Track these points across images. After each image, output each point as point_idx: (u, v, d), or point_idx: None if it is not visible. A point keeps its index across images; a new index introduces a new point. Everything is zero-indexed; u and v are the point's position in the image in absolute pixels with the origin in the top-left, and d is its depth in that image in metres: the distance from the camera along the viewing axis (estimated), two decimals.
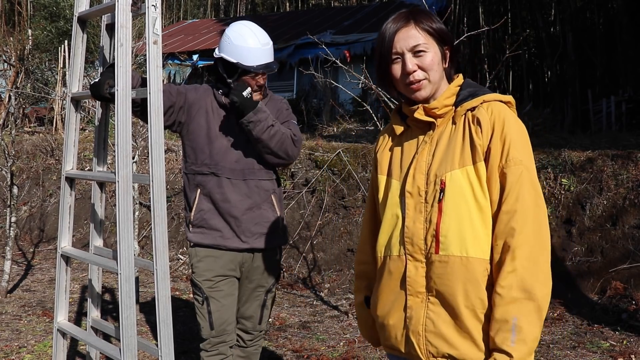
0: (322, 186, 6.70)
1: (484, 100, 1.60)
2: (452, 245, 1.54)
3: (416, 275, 1.59)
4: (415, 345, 1.58)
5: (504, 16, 16.45)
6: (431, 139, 1.64)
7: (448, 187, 1.55)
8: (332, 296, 5.54)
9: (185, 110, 2.76)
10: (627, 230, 5.19)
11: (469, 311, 1.52)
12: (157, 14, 2.26)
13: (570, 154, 5.93)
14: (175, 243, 7.04)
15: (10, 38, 12.48)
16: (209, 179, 2.75)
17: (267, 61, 2.70)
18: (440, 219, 1.55)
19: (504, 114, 1.57)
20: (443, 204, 1.55)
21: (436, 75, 1.62)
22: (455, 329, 1.53)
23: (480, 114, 1.58)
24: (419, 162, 1.62)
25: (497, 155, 1.54)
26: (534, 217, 1.51)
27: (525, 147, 1.56)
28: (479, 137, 1.56)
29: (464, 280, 1.52)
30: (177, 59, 16.14)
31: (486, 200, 1.55)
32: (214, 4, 32.19)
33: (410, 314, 1.59)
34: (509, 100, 1.64)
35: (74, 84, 2.62)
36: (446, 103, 1.63)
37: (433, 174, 1.59)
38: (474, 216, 1.54)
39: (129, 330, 2.26)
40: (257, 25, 2.75)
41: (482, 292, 1.52)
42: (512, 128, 1.56)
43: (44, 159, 9.41)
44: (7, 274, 5.45)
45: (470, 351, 1.52)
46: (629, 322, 4.45)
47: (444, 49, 1.64)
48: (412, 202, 1.61)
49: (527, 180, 1.52)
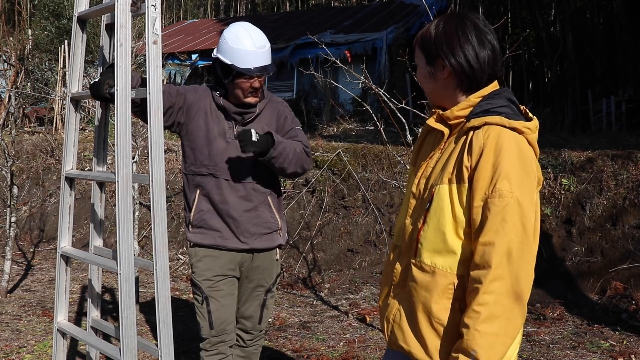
0: (322, 186, 6.70)
1: (486, 122, 1.54)
2: (425, 254, 1.60)
3: (400, 271, 1.70)
4: (385, 330, 1.73)
5: (504, 16, 16.43)
6: (440, 148, 1.67)
7: (434, 199, 1.59)
8: (332, 296, 5.53)
9: (185, 111, 2.76)
10: (627, 230, 5.19)
11: (425, 317, 1.59)
12: (157, 14, 2.26)
13: (570, 154, 5.93)
14: (175, 243, 7.04)
15: (10, 38, 12.47)
16: (207, 179, 2.75)
17: (262, 64, 2.65)
18: (422, 227, 1.61)
19: (502, 141, 1.50)
20: (427, 213, 1.61)
21: (428, 87, 1.67)
22: (411, 328, 1.63)
23: (475, 137, 1.54)
24: (427, 167, 1.68)
25: (483, 183, 1.49)
26: (515, 254, 1.46)
27: (519, 179, 1.48)
28: (468, 159, 1.53)
29: (427, 289, 1.59)
30: (177, 59, 16.14)
31: (463, 220, 1.55)
32: (214, 4, 32.19)
33: (390, 301, 1.72)
34: (518, 127, 1.54)
35: (73, 84, 2.62)
36: (458, 114, 1.61)
37: (430, 183, 1.63)
38: (448, 232, 1.56)
39: (129, 330, 2.26)
40: (256, 26, 2.72)
41: (439, 303, 1.57)
42: (507, 158, 1.48)
43: (44, 159, 9.40)
44: (7, 274, 5.45)
45: (418, 351, 1.61)
46: (629, 322, 4.45)
47: (437, 61, 1.62)
48: (414, 202, 1.69)
49: (514, 214, 1.46)
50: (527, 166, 1.51)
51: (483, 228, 1.48)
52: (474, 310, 1.47)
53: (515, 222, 1.46)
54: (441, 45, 1.60)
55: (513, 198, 1.46)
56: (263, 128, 2.78)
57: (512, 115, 1.56)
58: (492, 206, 1.47)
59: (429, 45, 1.63)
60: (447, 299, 1.57)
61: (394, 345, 1.69)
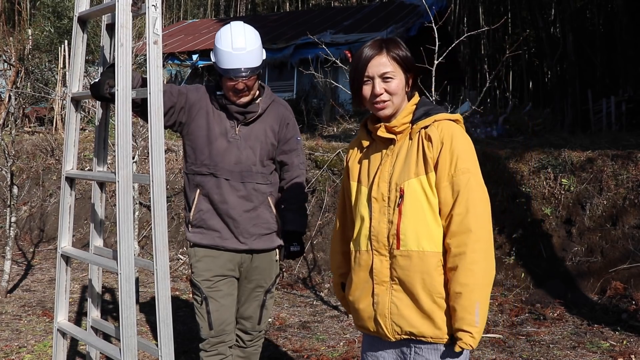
0: (322, 186, 6.70)
1: (435, 119, 1.88)
2: (410, 242, 1.84)
3: (381, 267, 1.89)
4: (382, 325, 1.89)
5: (504, 16, 16.45)
6: (392, 152, 1.93)
7: (406, 193, 1.85)
8: (332, 296, 5.54)
9: (186, 111, 2.75)
10: (627, 230, 5.19)
11: (427, 295, 1.82)
12: (158, 14, 2.27)
13: (570, 154, 5.93)
14: (175, 243, 7.05)
15: (10, 38, 12.47)
16: (208, 179, 2.75)
17: (238, 66, 2.60)
18: (400, 220, 1.85)
19: (452, 130, 1.85)
20: (402, 207, 1.85)
21: (399, 98, 1.91)
22: (415, 311, 1.84)
23: (431, 132, 1.86)
24: (383, 172, 1.91)
25: (446, 166, 1.83)
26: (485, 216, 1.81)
27: (471, 157, 1.85)
28: (430, 151, 1.85)
29: (421, 270, 1.82)
30: (177, 59, 16.14)
31: (436, 203, 1.84)
32: (214, 4, 32.20)
33: (377, 299, 1.90)
34: (457, 118, 1.93)
35: (74, 84, 2.62)
36: (404, 121, 1.91)
37: (394, 183, 1.87)
38: (428, 216, 1.84)
39: (129, 330, 2.27)
40: (252, 26, 2.69)
41: (436, 279, 1.82)
42: (459, 143, 1.84)
43: (44, 159, 9.40)
44: (7, 274, 5.45)
45: (428, 329, 1.83)
46: (629, 322, 4.45)
47: (408, 75, 1.92)
48: (377, 206, 1.90)
49: (476, 185, 1.82)
50: (472, 146, 1.88)
51: (455, 201, 1.81)
52: (469, 269, 1.77)
53: (478, 191, 1.82)
54: (412, 62, 1.93)
55: (471, 172, 1.82)
56: (265, 130, 2.78)
57: (446, 111, 1.94)
58: (458, 181, 1.81)
59: (406, 60, 1.90)
60: (439, 274, 1.83)
61: (399, 335, 1.87)
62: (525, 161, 6.05)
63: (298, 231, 2.89)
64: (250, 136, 2.76)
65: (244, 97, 2.70)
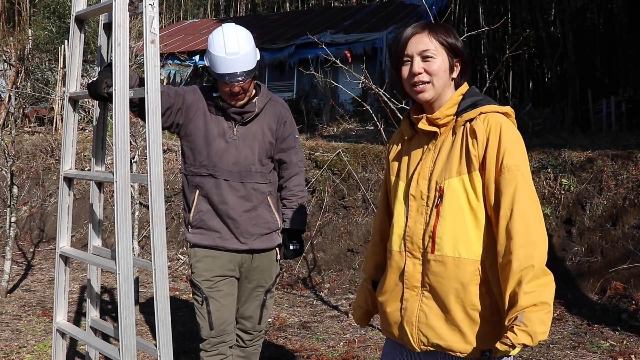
0: (322, 186, 6.70)
1: (481, 111, 1.71)
2: (447, 247, 1.67)
3: (413, 271, 1.74)
4: (408, 333, 1.74)
5: (504, 16, 16.45)
6: (434, 147, 1.76)
7: (446, 193, 1.68)
8: (332, 296, 5.53)
9: (184, 112, 2.75)
10: (627, 230, 5.18)
11: (459, 307, 1.66)
12: (155, 13, 2.26)
13: (570, 154, 5.92)
14: (175, 243, 7.04)
15: (10, 38, 12.45)
16: (207, 180, 2.74)
17: (232, 70, 2.58)
18: (437, 221, 1.69)
19: (500, 124, 1.67)
20: (441, 208, 1.69)
21: (440, 81, 1.73)
22: (445, 323, 1.68)
23: (476, 126, 1.69)
24: (423, 168, 1.75)
25: (493, 164, 1.65)
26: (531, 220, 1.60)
27: (520, 154, 1.66)
28: (475, 148, 1.67)
29: (456, 279, 1.66)
30: (177, 59, 16.13)
31: (480, 205, 1.68)
32: (214, 4, 32.19)
33: (406, 305, 1.75)
34: (507, 111, 1.74)
35: (72, 84, 2.62)
36: (448, 113, 1.74)
37: (434, 181, 1.72)
38: (468, 221, 1.67)
39: (128, 330, 2.26)
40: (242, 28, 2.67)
41: (472, 290, 1.66)
42: (507, 137, 1.65)
43: (44, 159, 9.40)
44: (7, 274, 5.45)
45: (457, 343, 1.67)
46: (629, 322, 4.44)
47: (455, 60, 1.76)
48: (414, 204, 1.75)
49: (522, 184, 1.62)
50: (522, 142, 1.70)
51: (500, 203, 1.62)
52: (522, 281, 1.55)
53: (526, 190, 1.62)
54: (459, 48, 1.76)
55: (519, 170, 1.63)
56: (263, 129, 2.78)
57: (496, 103, 1.75)
58: (503, 180, 1.62)
59: (454, 46, 1.74)
60: (475, 284, 1.66)
61: (424, 346, 1.72)
62: None
63: (298, 229, 2.89)
64: (248, 136, 2.75)
65: (241, 99, 2.70)
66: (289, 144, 2.86)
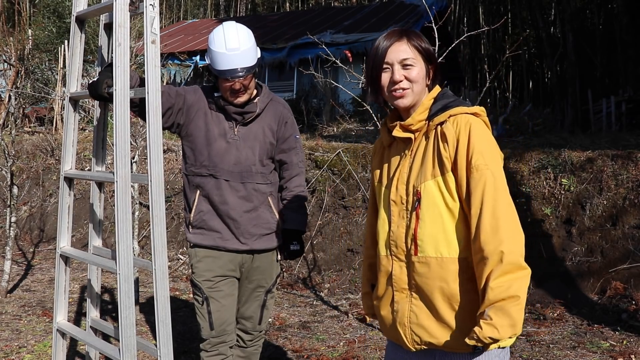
0: (322, 186, 6.70)
1: (450, 114, 1.76)
2: (428, 248, 1.73)
3: (400, 274, 1.80)
4: (402, 334, 1.80)
5: (504, 16, 16.46)
6: (410, 152, 1.83)
7: (423, 197, 1.75)
8: (332, 296, 5.53)
9: (184, 112, 2.75)
10: (627, 230, 5.18)
11: (446, 305, 1.72)
12: (155, 14, 2.26)
13: (570, 154, 5.92)
14: (176, 243, 7.04)
15: (10, 38, 12.44)
16: (207, 180, 2.74)
17: (233, 66, 2.59)
18: (417, 224, 1.75)
19: (469, 125, 1.72)
20: (419, 211, 1.75)
21: (419, 87, 1.80)
22: (435, 321, 1.74)
23: (446, 129, 1.74)
24: (401, 173, 1.82)
25: (464, 164, 1.69)
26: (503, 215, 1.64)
27: (489, 153, 1.70)
28: (446, 150, 1.73)
29: (440, 278, 1.72)
30: (177, 59, 16.13)
31: (456, 205, 1.73)
32: (214, 4, 32.19)
33: (397, 307, 1.81)
34: (476, 111, 1.78)
35: (72, 84, 2.62)
36: (419, 119, 1.80)
37: (411, 185, 1.78)
38: (446, 221, 1.73)
39: (128, 330, 2.26)
40: (242, 25, 2.67)
41: (455, 287, 1.71)
42: (477, 137, 1.70)
43: (44, 159, 9.40)
44: (7, 274, 5.45)
45: (448, 340, 1.72)
46: (629, 322, 4.44)
47: (429, 67, 1.83)
48: (396, 209, 1.82)
49: (492, 182, 1.66)
50: (493, 141, 1.74)
51: (470, 202, 1.67)
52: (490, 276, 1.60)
53: (497, 189, 1.65)
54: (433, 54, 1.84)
55: (489, 169, 1.67)
56: (264, 130, 2.78)
57: (466, 104, 1.79)
58: (472, 180, 1.67)
59: (429, 53, 1.82)
60: (459, 282, 1.71)
61: (418, 345, 1.78)
62: (525, 161, 6.04)
63: (298, 230, 2.89)
64: (249, 136, 2.75)
65: (242, 96, 2.70)
66: (290, 144, 2.86)
